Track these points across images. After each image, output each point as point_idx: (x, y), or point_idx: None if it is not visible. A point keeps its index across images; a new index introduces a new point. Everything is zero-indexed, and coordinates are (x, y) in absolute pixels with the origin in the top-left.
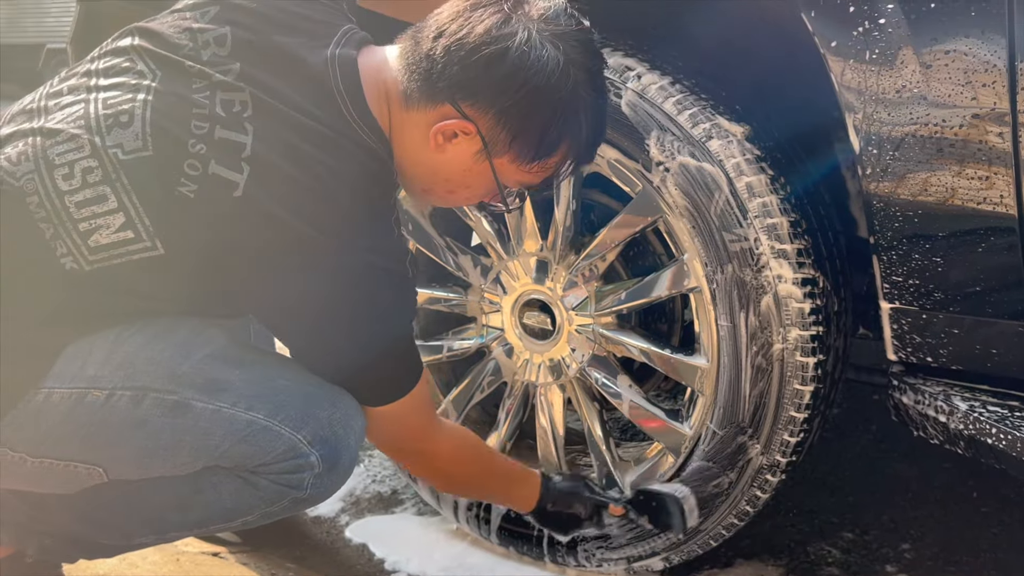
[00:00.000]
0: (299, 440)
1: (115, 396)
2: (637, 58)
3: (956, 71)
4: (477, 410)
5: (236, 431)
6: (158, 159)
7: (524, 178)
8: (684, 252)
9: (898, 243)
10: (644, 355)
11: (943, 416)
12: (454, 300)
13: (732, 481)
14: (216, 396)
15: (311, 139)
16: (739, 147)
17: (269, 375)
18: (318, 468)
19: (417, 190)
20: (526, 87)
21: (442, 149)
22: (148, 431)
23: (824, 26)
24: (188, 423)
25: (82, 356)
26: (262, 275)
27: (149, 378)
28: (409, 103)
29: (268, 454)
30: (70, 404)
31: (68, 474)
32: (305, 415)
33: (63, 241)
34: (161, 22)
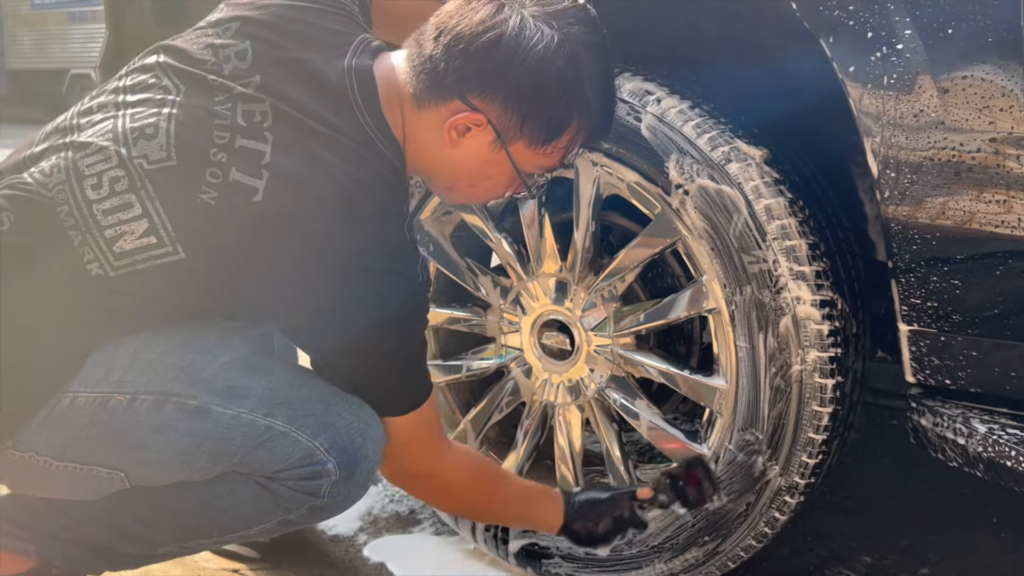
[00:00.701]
0: (316, 447)
1: (137, 400)
2: (656, 82)
3: (973, 96)
4: (496, 430)
5: (254, 436)
6: (181, 168)
7: (542, 161)
8: (703, 273)
9: (916, 265)
10: (663, 376)
11: (962, 439)
12: (474, 320)
13: (751, 502)
14: (236, 402)
15: (329, 147)
16: (758, 170)
17: (289, 384)
18: (335, 476)
19: (441, 188)
20: (524, 69)
21: (457, 144)
22: (168, 435)
23: (842, 51)
24: (208, 427)
25: (107, 362)
26: (280, 280)
27: (171, 383)
28: (420, 104)
29: (285, 460)
30: (94, 408)
31: (90, 479)
32: (323, 423)
33: (90, 248)
34: (185, 39)
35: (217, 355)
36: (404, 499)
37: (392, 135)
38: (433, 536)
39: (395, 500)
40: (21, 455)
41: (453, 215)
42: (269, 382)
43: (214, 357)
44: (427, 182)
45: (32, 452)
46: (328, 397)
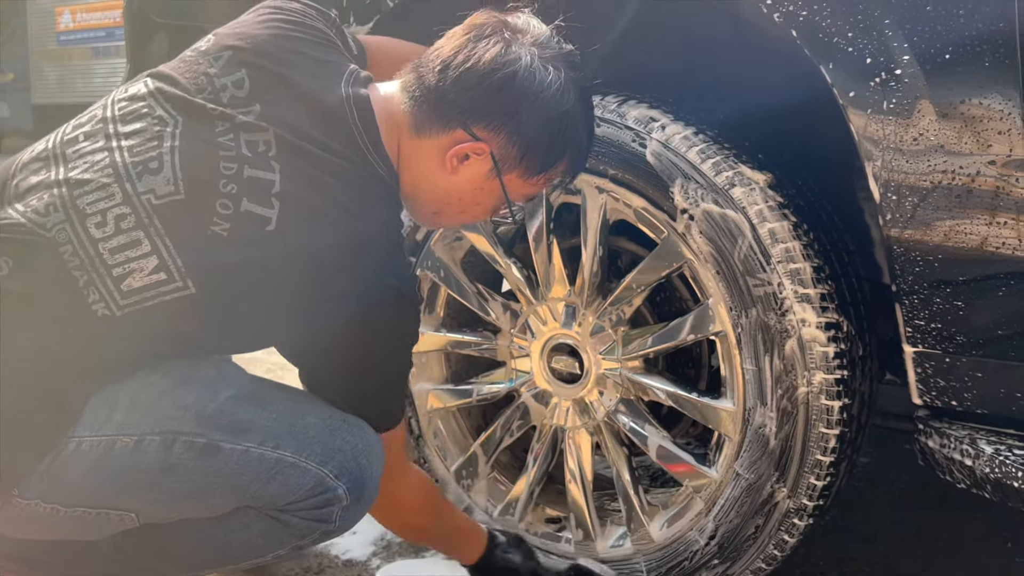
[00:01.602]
0: (326, 474)
1: (144, 441)
2: (661, 109)
3: (971, 119)
4: (506, 454)
5: (265, 470)
6: (190, 202)
7: (529, 190)
8: (709, 297)
9: (919, 287)
10: (671, 399)
11: (969, 460)
12: (484, 344)
13: (760, 525)
14: (243, 436)
15: (333, 173)
16: (762, 194)
17: (292, 412)
18: (346, 501)
19: (428, 213)
20: (534, 106)
21: (456, 171)
22: (179, 475)
23: (842, 77)
24: (218, 465)
25: (109, 404)
26: (291, 306)
27: (177, 422)
28: (420, 132)
29: (297, 491)
30: (100, 452)
31: (101, 522)
32: (330, 449)
33: (96, 288)
34: (174, 68)
35: (219, 390)
36: None
37: (389, 160)
38: (444, 560)
39: None
40: (27, 503)
41: (463, 241)
42: (273, 413)
43: (216, 392)
44: (410, 208)
45: (39, 500)
46: (331, 422)
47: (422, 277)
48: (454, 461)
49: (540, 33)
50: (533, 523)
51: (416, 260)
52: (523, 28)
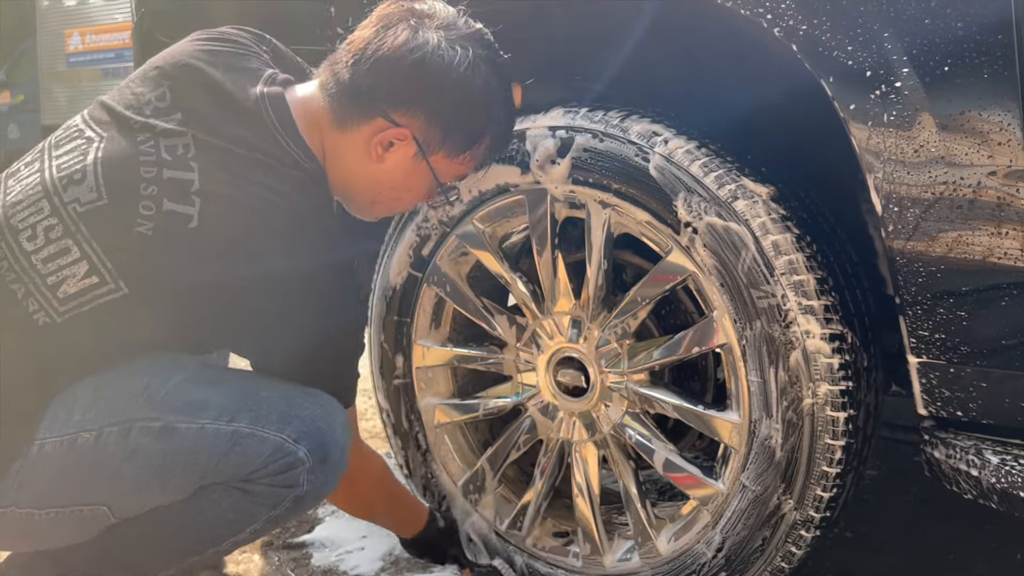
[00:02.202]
0: (284, 439)
1: (104, 434)
2: (664, 124)
3: (971, 131)
4: (513, 469)
5: (222, 443)
6: (113, 206)
7: (458, 170)
8: (713, 309)
9: (922, 298)
10: (677, 411)
11: (975, 470)
12: (490, 359)
13: (767, 537)
14: (198, 415)
15: (252, 166)
16: (764, 207)
17: (246, 388)
18: (308, 463)
19: (364, 204)
20: (447, 85)
21: (382, 159)
22: (140, 460)
23: (842, 91)
24: (175, 445)
25: (68, 404)
26: (223, 298)
27: (132, 411)
28: (342, 126)
29: (257, 459)
30: (63, 451)
31: (76, 519)
32: (286, 416)
33: (34, 298)
34: (111, 95)
35: (171, 375)
36: None
37: (311, 152)
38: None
39: None
40: (2, 511)
41: (469, 256)
42: (226, 390)
43: (168, 377)
44: (347, 202)
45: (12, 506)
46: (287, 392)
47: (428, 293)
48: (461, 475)
49: (447, 16)
50: (540, 537)
51: (422, 276)
52: (430, 13)
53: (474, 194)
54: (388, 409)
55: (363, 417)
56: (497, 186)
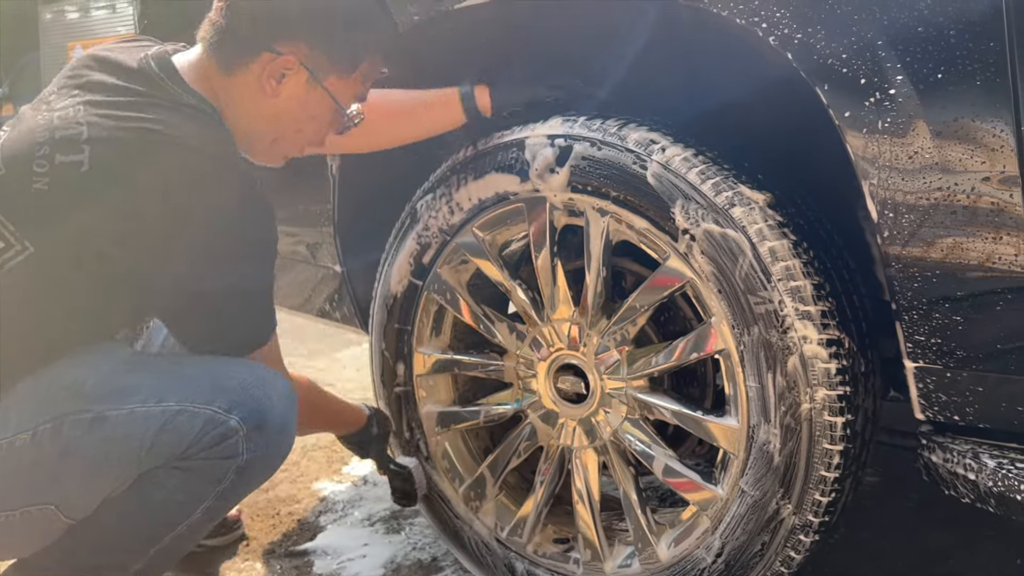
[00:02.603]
0: (215, 411)
1: (38, 432)
2: (661, 132)
3: (965, 137)
4: (514, 475)
5: (153, 425)
6: (10, 173)
7: (354, 89)
8: (711, 315)
9: (918, 303)
10: (676, 417)
11: (972, 474)
12: (491, 366)
13: (766, 542)
14: (126, 400)
15: (140, 109)
16: (761, 214)
17: (173, 370)
18: (242, 430)
19: (266, 145)
20: (320, 5)
21: (276, 92)
22: (76, 454)
23: (837, 98)
24: (107, 433)
25: (4, 409)
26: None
27: (62, 405)
28: (230, 70)
29: (189, 435)
30: (3, 455)
31: (27, 522)
32: (215, 388)
33: None
34: None
35: (98, 365)
36: (427, 547)
37: (205, 99)
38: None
39: (418, 548)
40: None
41: (469, 264)
42: (153, 373)
43: (96, 368)
44: (252, 150)
45: None
46: (213, 367)
47: (429, 300)
48: (462, 482)
49: None
50: (541, 544)
51: (423, 284)
52: None
53: (474, 202)
54: (389, 416)
55: None
56: (496, 194)
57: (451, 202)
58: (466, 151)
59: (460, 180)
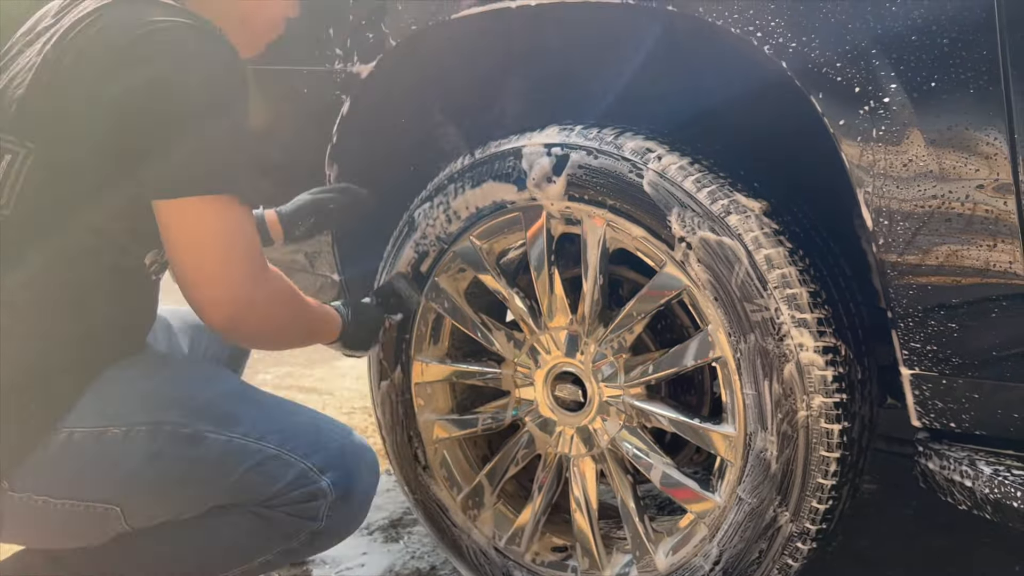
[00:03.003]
0: (309, 467)
1: (133, 431)
2: (657, 140)
3: (959, 145)
4: (512, 484)
5: (247, 460)
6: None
7: None
8: (708, 323)
9: (914, 310)
10: (673, 425)
11: (969, 481)
12: (488, 374)
13: (763, 549)
14: (228, 428)
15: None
16: (757, 221)
17: (280, 411)
18: (331, 496)
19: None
20: None
21: None
22: (163, 463)
23: (832, 107)
24: (201, 453)
25: (102, 396)
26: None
27: (165, 412)
28: None
29: (279, 482)
30: (90, 442)
31: (87, 517)
32: (315, 444)
33: None
34: None
35: (209, 386)
36: (425, 556)
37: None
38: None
39: (416, 556)
40: (20, 496)
41: (467, 272)
42: (260, 409)
43: (206, 387)
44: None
45: (29, 492)
46: (319, 423)
47: (427, 308)
48: (461, 491)
49: None
50: (539, 552)
51: (422, 292)
52: None
53: (471, 211)
54: (388, 425)
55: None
56: (494, 203)
57: (449, 211)
58: (463, 160)
59: (457, 189)
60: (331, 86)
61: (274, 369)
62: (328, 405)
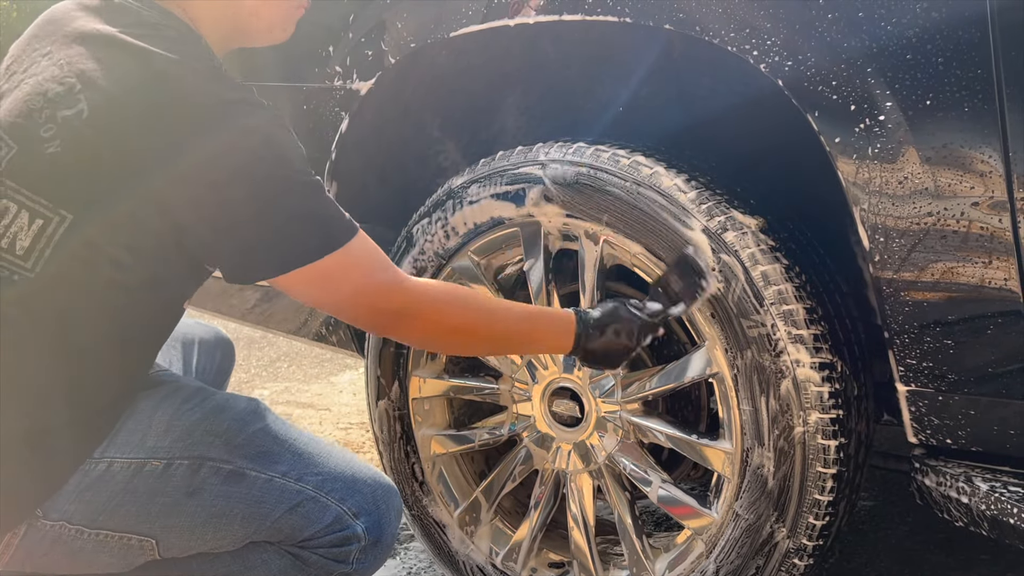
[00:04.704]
0: (345, 511)
1: (173, 465)
2: (654, 158)
3: (954, 163)
4: (510, 500)
5: (286, 500)
6: (22, 148)
7: None
8: (705, 339)
9: (910, 327)
10: (670, 441)
11: (965, 497)
12: (486, 389)
13: (760, 566)
14: (268, 467)
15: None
16: (754, 238)
17: (317, 451)
18: (364, 541)
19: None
20: None
21: None
22: (203, 499)
23: (828, 125)
24: (242, 491)
25: (142, 428)
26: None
27: (206, 448)
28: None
29: (316, 525)
30: (129, 473)
31: (121, 547)
32: (350, 488)
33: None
34: None
35: (249, 422)
36: (421, 572)
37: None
38: None
39: (412, 573)
40: (52, 524)
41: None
42: (298, 449)
43: (246, 423)
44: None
45: (63, 521)
46: (353, 465)
47: None
48: (458, 506)
49: None
50: (536, 568)
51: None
52: None
53: (469, 227)
54: (385, 441)
55: (362, 450)
56: (492, 219)
57: (447, 226)
58: (461, 177)
59: (456, 205)
60: (331, 103)
61: (271, 385)
62: (325, 420)
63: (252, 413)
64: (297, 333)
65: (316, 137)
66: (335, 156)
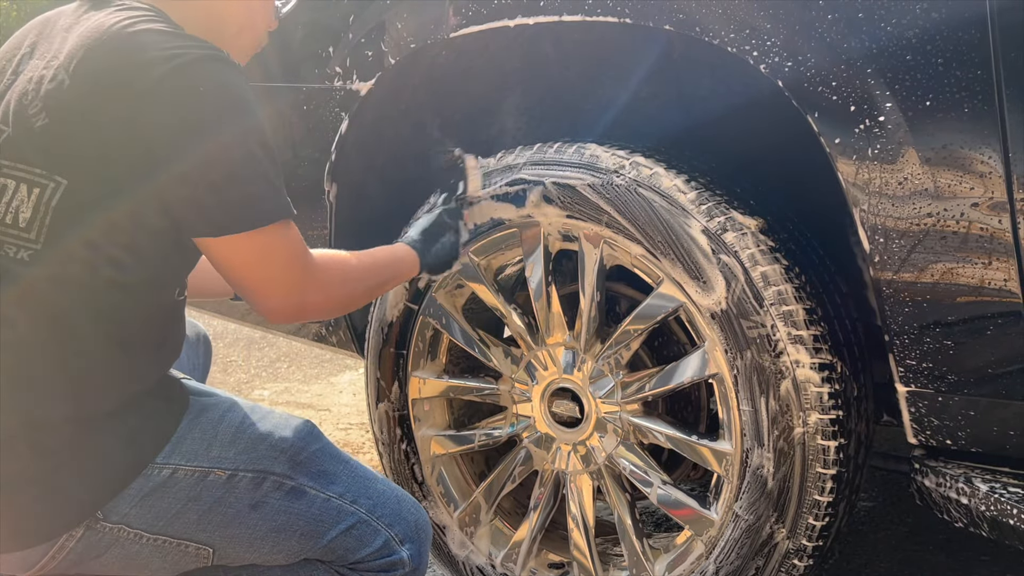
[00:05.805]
0: (392, 536)
1: (237, 476)
2: (654, 159)
3: (954, 164)
4: (510, 500)
5: (342, 521)
6: (15, 129)
7: None
8: (705, 340)
9: (909, 328)
10: (670, 441)
11: (965, 498)
12: (486, 390)
13: (760, 566)
14: (327, 486)
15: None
16: (753, 239)
17: (368, 476)
18: (408, 567)
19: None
20: None
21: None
22: (264, 512)
23: (827, 125)
24: (302, 508)
25: (208, 437)
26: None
27: (271, 462)
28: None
29: (367, 548)
30: (193, 482)
31: (177, 554)
32: (396, 515)
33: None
34: None
35: (311, 441)
36: None
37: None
38: None
39: None
40: (112, 527)
41: (465, 288)
42: (352, 472)
43: (308, 442)
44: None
45: (123, 525)
46: (398, 492)
47: (424, 324)
48: (457, 507)
49: None
50: (536, 569)
51: (418, 308)
52: None
53: (469, 227)
54: (385, 441)
55: (361, 451)
56: (492, 220)
57: None
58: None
59: None
60: (330, 104)
61: (271, 385)
62: (325, 421)
63: (310, 433)
64: (297, 333)
65: (316, 137)
66: (335, 156)
